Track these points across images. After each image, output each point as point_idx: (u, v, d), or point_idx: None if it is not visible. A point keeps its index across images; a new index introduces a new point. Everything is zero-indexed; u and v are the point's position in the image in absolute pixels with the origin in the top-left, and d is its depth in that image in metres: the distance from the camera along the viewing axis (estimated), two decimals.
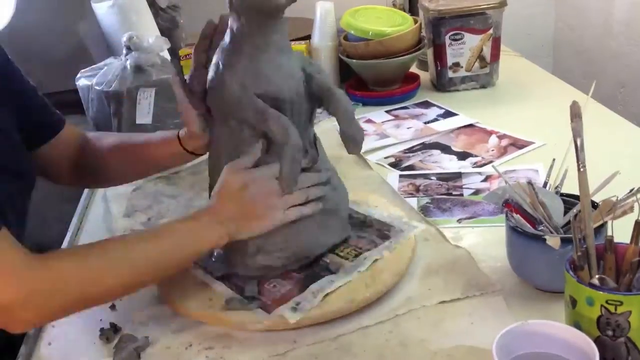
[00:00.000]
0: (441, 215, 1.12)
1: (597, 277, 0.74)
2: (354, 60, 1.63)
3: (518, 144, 1.34)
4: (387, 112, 1.58)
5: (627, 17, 1.87)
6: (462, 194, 1.18)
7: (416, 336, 0.84)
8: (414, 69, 1.75)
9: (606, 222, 0.82)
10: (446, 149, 1.37)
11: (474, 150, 1.34)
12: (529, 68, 1.79)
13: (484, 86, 1.66)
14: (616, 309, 0.70)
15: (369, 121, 1.54)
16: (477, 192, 1.18)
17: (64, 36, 1.82)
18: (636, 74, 1.86)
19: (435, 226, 1.07)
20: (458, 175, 1.25)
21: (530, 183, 0.87)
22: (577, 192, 0.78)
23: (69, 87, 1.48)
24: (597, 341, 0.70)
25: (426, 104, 1.61)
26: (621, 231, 0.78)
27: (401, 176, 1.27)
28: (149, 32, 1.50)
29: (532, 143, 1.33)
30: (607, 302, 0.70)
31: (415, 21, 1.65)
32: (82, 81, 1.40)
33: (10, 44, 1.60)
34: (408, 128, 1.48)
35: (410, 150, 1.38)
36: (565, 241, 0.81)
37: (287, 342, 0.85)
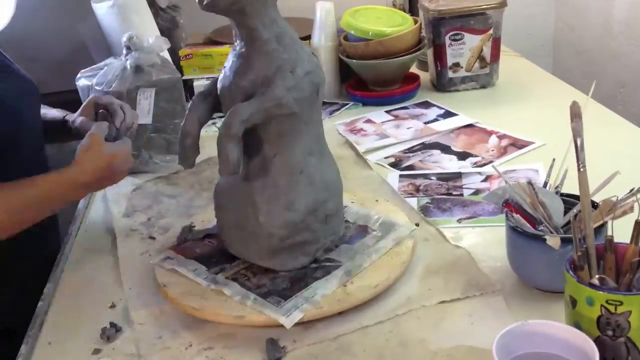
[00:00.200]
0: (441, 215, 1.12)
1: (597, 277, 0.74)
2: (354, 60, 1.63)
3: (518, 144, 1.34)
4: (387, 112, 1.58)
5: (627, 17, 1.86)
6: (462, 194, 1.18)
7: (416, 336, 0.84)
8: (414, 69, 1.75)
9: (606, 222, 0.82)
10: (446, 149, 1.37)
11: (474, 150, 1.34)
12: (529, 68, 1.79)
13: (484, 86, 1.66)
14: (616, 309, 0.70)
15: (369, 121, 1.54)
16: (477, 192, 1.18)
17: (64, 36, 1.82)
18: (636, 74, 1.86)
19: (435, 226, 1.07)
20: (458, 175, 1.25)
21: (530, 183, 0.87)
22: (577, 192, 0.78)
23: (69, 87, 1.48)
24: (597, 341, 0.70)
25: (426, 104, 1.61)
26: (621, 231, 0.78)
27: (401, 176, 1.27)
28: (149, 32, 1.50)
29: (532, 143, 1.33)
30: (607, 302, 0.70)
31: (415, 21, 1.65)
32: (82, 81, 1.40)
33: (10, 44, 1.59)
34: (408, 128, 1.48)
35: (410, 150, 1.38)
36: (565, 241, 0.81)
37: (287, 342, 0.85)
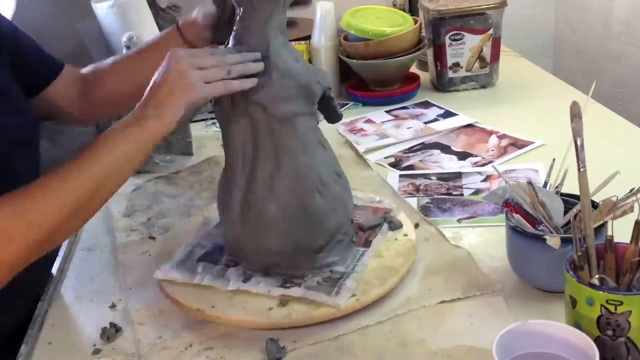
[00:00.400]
0: (441, 215, 1.12)
1: (597, 277, 0.74)
2: (354, 60, 1.63)
3: (518, 144, 1.34)
4: (387, 112, 1.58)
5: (627, 17, 1.87)
6: (462, 194, 1.18)
7: (416, 336, 0.84)
8: (414, 69, 1.75)
9: (606, 222, 0.82)
10: (446, 149, 1.37)
11: (474, 150, 1.34)
12: (529, 68, 1.79)
13: (484, 86, 1.66)
14: (616, 309, 0.70)
15: (369, 121, 1.54)
16: (477, 192, 1.18)
17: (64, 36, 1.82)
18: (636, 74, 1.86)
19: (435, 226, 1.07)
20: (458, 175, 1.25)
21: (530, 183, 0.87)
22: (577, 192, 0.78)
23: None
24: (597, 341, 0.70)
25: (426, 104, 1.61)
26: (621, 231, 0.78)
27: (401, 176, 1.27)
28: (149, 32, 1.50)
29: (532, 143, 1.33)
30: (607, 302, 0.70)
31: (415, 21, 1.65)
32: None
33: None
34: (408, 128, 1.48)
35: (410, 150, 1.38)
36: (565, 241, 0.81)
37: (287, 342, 0.85)
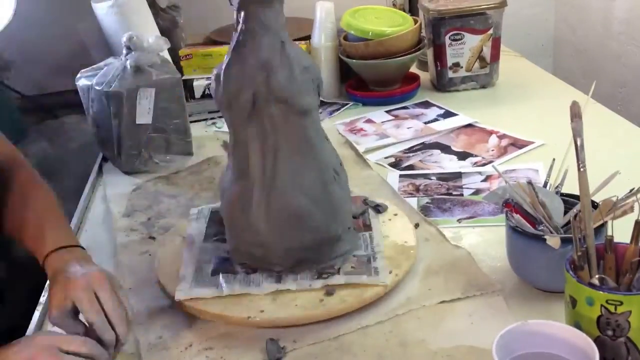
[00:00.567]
0: (441, 215, 1.12)
1: (597, 277, 0.74)
2: (354, 60, 1.63)
3: (518, 144, 1.34)
4: (387, 112, 1.58)
5: (627, 17, 1.86)
6: (462, 194, 1.18)
7: (416, 336, 0.84)
8: (414, 69, 1.75)
9: (606, 222, 0.82)
10: (446, 149, 1.37)
11: (474, 150, 1.34)
12: (529, 68, 1.79)
13: (484, 86, 1.66)
14: (616, 309, 0.70)
15: (369, 121, 1.54)
16: (477, 192, 1.18)
17: (64, 36, 1.82)
18: (636, 74, 1.86)
19: (435, 226, 1.07)
20: (458, 175, 1.25)
21: (530, 183, 0.87)
22: (577, 192, 0.78)
23: (69, 87, 1.48)
24: (597, 341, 0.70)
25: (426, 104, 1.61)
26: (621, 231, 0.78)
27: (401, 176, 1.27)
28: (149, 32, 1.50)
29: (532, 143, 1.33)
30: (607, 302, 0.70)
31: (415, 21, 1.65)
32: (82, 81, 1.40)
33: (10, 44, 1.59)
34: (408, 128, 1.48)
35: (410, 150, 1.38)
36: (565, 241, 0.81)
37: (287, 342, 0.85)
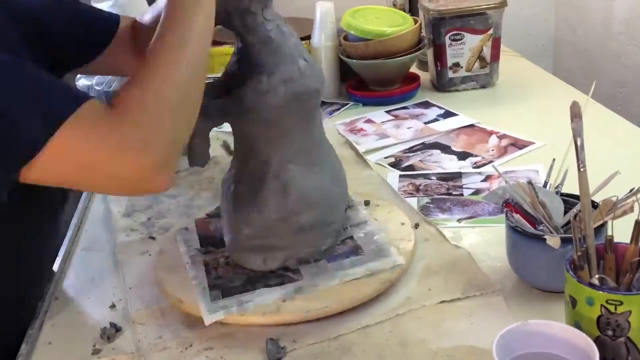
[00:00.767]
0: (441, 215, 1.12)
1: (597, 277, 0.74)
2: (354, 60, 1.63)
3: (518, 144, 1.34)
4: (387, 112, 1.58)
5: (627, 17, 1.87)
6: (462, 194, 1.18)
7: (416, 336, 0.84)
8: (414, 69, 1.75)
9: (606, 222, 0.82)
10: (446, 149, 1.37)
11: (474, 150, 1.34)
12: (529, 68, 1.79)
13: (484, 86, 1.66)
14: (616, 309, 0.70)
15: (369, 121, 1.54)
16: (477, 192, 1.18)
17: None
18: (636, 74, 1.86)
19: (435, 226, 1.06)
20: (458, 175, 1.25)
21: (530, 183, 0.87)
22: (577, 192, 0.78)
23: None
24: (597, 341, 0.70)
25: (426, 104, 1.61)
26: (621, 231, 0.78)
27: (401, 176, 1.27)
28: None
29: (532, 143, 1.33)
30: (607, 302, 0.70)
31: (415, 21, 1.65)
32: (82, 81, 1.40)
33: None
34: (408, 128, 1.48)
35: (410, 150, 1.38)
36: (565, 241, 0.81)
37: (287, 342, 0.85)
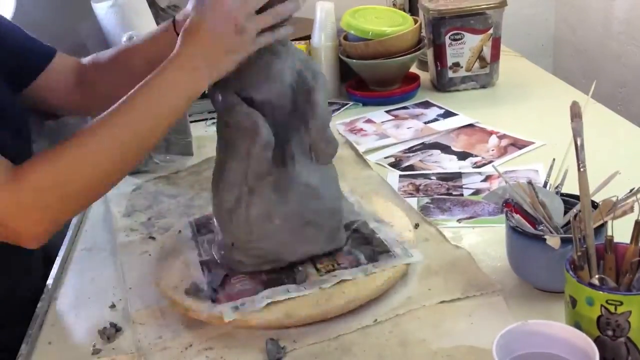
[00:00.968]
0: (441, 215, 1.12)
1: (597, 277, 0.74)
2: (354, 60, 1.63)
3: (518, 144, 1.34)
4: (387, 112, 1.58)
5: (627, 17, 1.87)
6: (462, 194, 1.18)
7: (416, 336, 0.84)
8: (414, 69, 1.75)
9: (606, 222, 0.81)
10: (446, 149, 1.37)
11: (474, 150, 1.34)
12: (529, 68, 1.79)
13: (484, 86, 1.66)
14: (616, 309, 0.70)
15: (369, 121, 1.54)
16: (477, 192, 1.18)
17: (64, 36, 1.82)
18: (636, 74, 1.86)
19: (435, 226, 1.06)
20: (458, 175, 1.25)
21: (530, 183, 0.87)
22: (577, 192, 0.78)
23: None
24: (597, 341, 0.70)
25: (426, 104, 1.61)
26: (621, 231, 0.78)
27: (401, 176, 1.27)
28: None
29: (532, 143, 1.33)
30: (607, 302, 0.70)
31: (415, 21, 1.65)
32: None
33: None
34: (408, 128, 1.48)
35: (410, 150, 1.38)
36: (565, 241, 0.81)
37: (287, 342, 0.85)
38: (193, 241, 1.04)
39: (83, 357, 0.88)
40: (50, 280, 1.05)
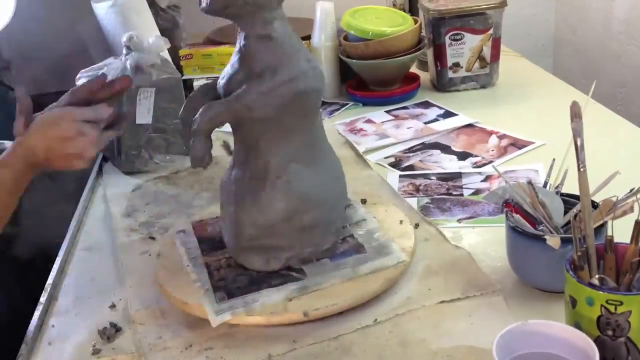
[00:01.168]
0: (441, 215, 1.12)
1: (597, 277, 0.74)
2: (354, 60, 1.63)
3: (518, 144, 1.34)
4: (387, 112, 1.58)
5: (627, 17, 1.86)
6: (462, 194, 1.18)
7: (416, 336, 0.84)
8: (414, 69, 1.75)
9: (606, 222, 0.82)
10: (446, 149, 1.37)
11: (474, 150, 1.34)
12: (529, 68, 1.79)
13: (484, 86, 1.66)
14: (616, 309, 0.70)
15: (369, 121, 1.54)
16: (477, 192, 1.18)
17: (64, 36, 1.82)
18: (636, 74, 1.86)
19: (435, 226, 1.06)
20: (458, 175, 1.25)
21: (530, 183, 0.87)
22: (577, 192, 0.78)
23: (69, 87, 1.48)
24: (597, 341, 0.70)
25: (426, 104, 1.61)
26: (621, 231, 0.78)
27: (401, 176, 1.27)
28: (149, 32, 1.50)
29: (532, 143, 1.33)
30: (607, 302, 0.70)
31: (415, 21, 1.65)
32: (82, 81, 1.40)
33: (10, 44, 1.59)
34: (408, 128, 1.48)
35: (410, 150, 1.38)
36: (565, 241, 0.81)
37: (287, 342, 0.85)
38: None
39: (83, 357, 0.88)
40: (50, 280, 1.05)
